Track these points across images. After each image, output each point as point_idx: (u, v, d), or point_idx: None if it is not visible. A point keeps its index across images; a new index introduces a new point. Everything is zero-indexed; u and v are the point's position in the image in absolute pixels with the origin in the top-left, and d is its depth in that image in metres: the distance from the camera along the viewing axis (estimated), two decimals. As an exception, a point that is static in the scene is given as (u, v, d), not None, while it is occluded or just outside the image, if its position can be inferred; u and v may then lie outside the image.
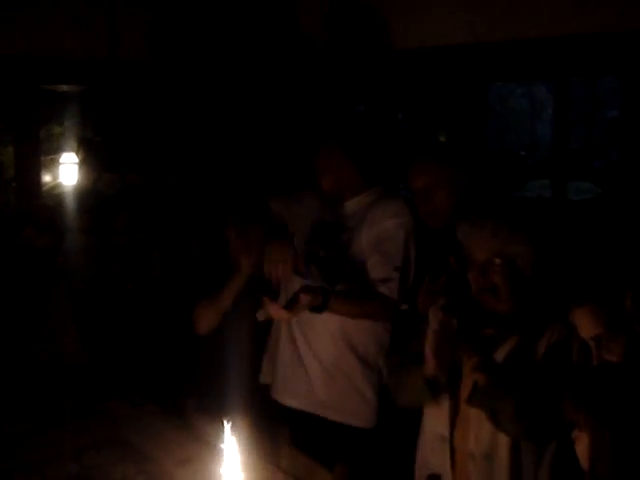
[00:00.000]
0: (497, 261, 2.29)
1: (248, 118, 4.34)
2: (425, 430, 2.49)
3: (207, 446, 2.53)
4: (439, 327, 2.27)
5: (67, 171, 4.88)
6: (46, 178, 5.69)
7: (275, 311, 2.65)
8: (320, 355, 2.97)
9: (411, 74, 4.30)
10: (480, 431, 2.29)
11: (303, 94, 4.49)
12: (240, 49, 4.33)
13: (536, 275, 2.33)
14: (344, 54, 4.36)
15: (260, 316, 2.73)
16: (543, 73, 4.08)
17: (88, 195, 4.05)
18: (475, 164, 3.00)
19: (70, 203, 4.06)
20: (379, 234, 2.92)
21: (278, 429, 2.82)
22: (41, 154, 4.83)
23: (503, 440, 2.26)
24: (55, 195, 4.58)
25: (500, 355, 2.30)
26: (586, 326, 2.02)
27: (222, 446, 1.82)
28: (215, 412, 2.82)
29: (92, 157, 4.28)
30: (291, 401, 3.03)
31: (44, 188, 5.04)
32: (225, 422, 2.27)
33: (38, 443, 2.80)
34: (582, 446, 1.92)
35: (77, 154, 4.57)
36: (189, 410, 3.06)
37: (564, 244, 2.92)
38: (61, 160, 5.17)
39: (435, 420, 2.43)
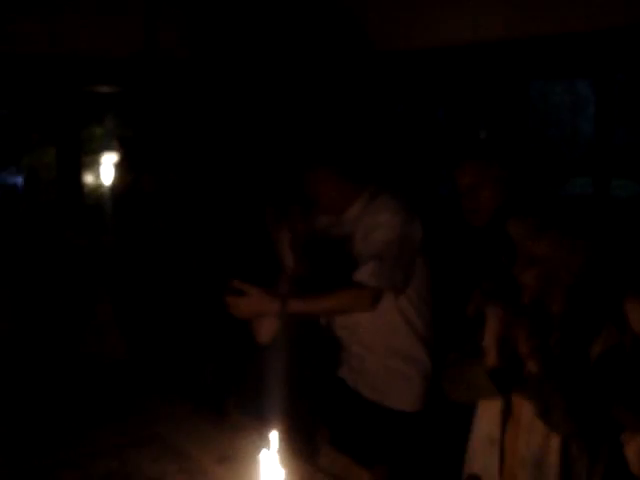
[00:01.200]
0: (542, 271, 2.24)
1: (285, 117, 4.34)
2: (475, 429, 2.46)
3: (246, 444, 2.53)
4: (500, 317, 2.25)
5: (108, 171, 4.92)
6: (88, 179, 5.75)
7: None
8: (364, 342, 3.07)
9: (451, 71, 4.28)
10: (532, 435, 2.26)
11: (347, 93, 4.48)
12: (277, 45, 4.33)
13: (590, 277, 2.27)
14: (381, 52, 4.34)
15: None
16: (586, 69, 4.02)
17: (128, 195, 4.07)
18: (520, 163, 2.97)
19: (110, 203, 4.09)
20: (366, 231, 2.98)
21: (317, 429, 2.80)
22: (82, 155, 4.88)
23: (554, 446, 2.22)
24: (96, 195, 4.62)
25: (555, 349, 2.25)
26: (639, 319, 1.97)
27: (262, 445, 1.81)
28: (255, 411, 2.83)
29: (131, 157, 4.31)
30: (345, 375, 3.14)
31: (86, 189, 5.09)
32: (264, 422, 2.27)
33: (78, 440, 2.82)
34: (633, 450, 1.88)
35: (119, 156, 4.61)
36: (229, 408, 3.07)
37: (615, 244, 2.87)
38: (102, 160, 5.22)
39: (486, 420, 2.40)
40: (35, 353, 3.65)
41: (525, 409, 2.26)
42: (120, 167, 4.47)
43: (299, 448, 2.63)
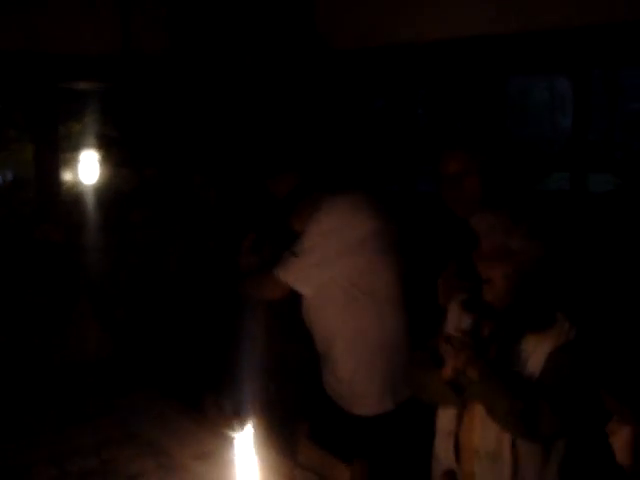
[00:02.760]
0: (499, 253, 2.26)
1: (264, 113, 4.33)
2: (438, 424, 2.48)
3: (225, 440, 2.53)
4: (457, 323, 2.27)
5: (86, 169, 4.90)
6: (66, 176, 5.70)
7: None
8: (334, 349, 3.06)
9: (429, 67, 4.28)
10: (485, 429, 2.28)
11: (321, 90, 4.47)
12: (255, 42, 4.32)
13: (541, 271, 2.29)
14: (360, 50, 4.34)
15: None
16: (562, 65, 4.04)
17: (105, 191, 4.06)
18: (501, 155, 2.98)
19: (88, 199, 4.07)
20: None
21: (296, 424, 2.81)
22: (60, 152, 4.84)
23: (507, 438, 2.24)
24: (74, 192, 4.59)
25: (499, 349, 2.28)
26: None
27: (240, 441, 1.81)
28: (233, 407, 2.83)
29: (110, 153, 4.30)
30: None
31: (64, 186, 5.06)
32: (243, 417, 2.28)
33: (57, 438, 2.83)
34: (621, 440, 1.90)
35: (97, 152, 4.59)
36: (207, 405, 3.07)
37: (576, 239, 2.90)
38: (80, 158, 5.18)
39: (444, 415, 2.43)
40: (15, 351, 3.64)
41: (480, 405, 2.28)
42: (100, 164, 4.46)
43: (278, 443, 2.64)
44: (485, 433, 2.28)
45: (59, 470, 2.55)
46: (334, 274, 2.97)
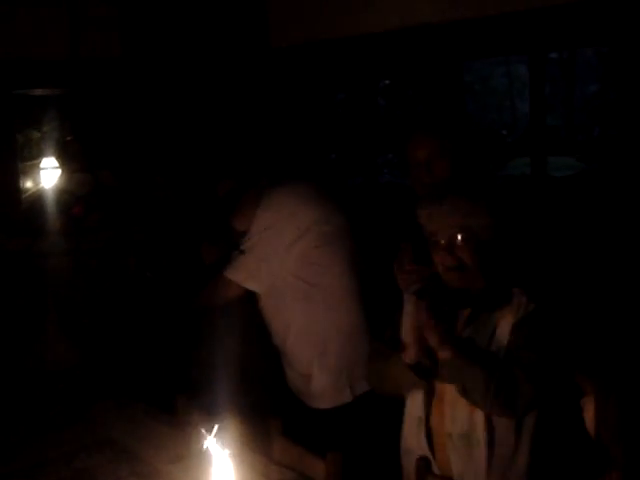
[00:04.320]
0: (461, 236, 2.27)
1: (219, 114, 4.32)
2: (406, 412, 2.48)
3: (199, 442, 2.51)
4: (414, 311, 2.26)
5: (48, 176, 4.84)
6: (27, 184, 5.64)
7: None
8: (288, 345, 3.10)
9: (387, 57, 4.29)
10: (456, 411, 2.28)
11: (279, 87, 4.47)
12: (209, 42, 4.31)
13: (501, 248, 2.31)
14: (320, 42, 4.33)
15: None
16: (517, 48, 4.07)
17: (61, 196, 4.02)
18: (468, 139, 2.98)
19: (47, 206, 4.03)
20: None
21: (269, 421, 2.79)
22: (19, 160, 4.79)
23: (479, 419, 2.25)
24: (30, 198, 4.54)
25: (464, 330, 2.31)
26: None
27: (213, 442, 1.80)
28: (206, 408, 2.81)
29: (66, 158, 4.26)
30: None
31: (25, 194, 5.00)
32: (215, 417, 2.26)
33: (28, 449, 2.78)
34: (590, 412, 1.93)
35: (57, 158, 4.54)
36: (179, 407, 3.04)
37: (530, 219, 2.93)
38: (41, 165, 5.13)
39: (412, 402, 2.43)
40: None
41: (448, 388, 2.28)
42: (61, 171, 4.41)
43: (252, 440, 2.63)
44: (456, 415, 2.28)
45: (31, 483, 2.51)
46: (281, 268, 2.97)
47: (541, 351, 2.19)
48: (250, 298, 3.13)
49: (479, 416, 2.24)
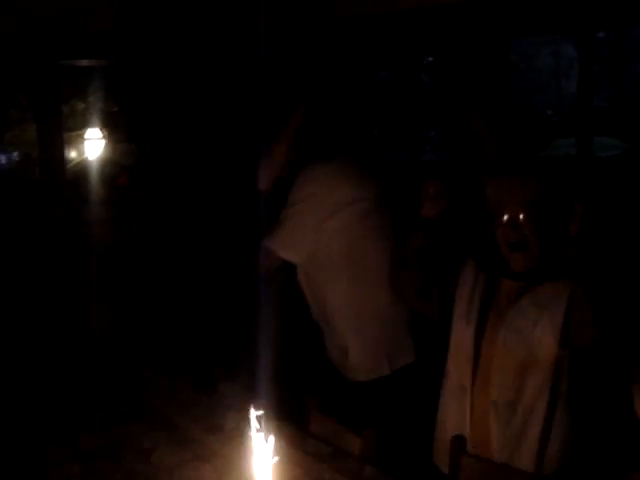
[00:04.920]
0: (526, 212, 2.26)
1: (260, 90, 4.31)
2: (447, 380, 2.50)
3: (236, 414, 2.54)
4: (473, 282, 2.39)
5: (92, 147, 4.90)
6: (72, 154, 5.70)
7: None
8: (330, 317, 3.08)
9: (432, 33, 4.24)
10: (504, 379, 2.30)
11: (324, 61, 4.44)
12: (252, 14, 4.29)
13: (564, 228, 2.29)
14: (362, 19, 4.30)
15: None
16: (566, 27, 4.00)
17: (106, 166, 4.06)
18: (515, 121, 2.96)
19: (91, 175, 4.08)
20: None
21: (306, 396, 2.81)
22: (64, 130, 4.84)
23: (529, 386, 2.27)
24: (76, 168, 4.59)
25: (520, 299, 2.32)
26: None
27: (250, 414, 1.81)
28: (244, 380, 2.84)
29: (110, 128, 4.29)
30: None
31: (70, 164, 5.06)
32: (253, 390, 2.28)
33: (68, 414, 2.84)
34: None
35: (101, 129, 4.58)
36: (217, 378, 3.07)
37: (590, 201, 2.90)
38: (86, 136, 5.17)
39: (456, 370, 2.45)
40: (22, 330, 3.65)
41: (497, 353, 2.31)
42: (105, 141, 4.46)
43: (288, 415, 2.65)
44: (503, 382, 2.30)
45: (72, 447, 2.56)
46: (317, 241, 2.97)
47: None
48: (290, 271, 3.13)
49: (529, 383, 2.26)
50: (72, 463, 2.44)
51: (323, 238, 2.96)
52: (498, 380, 2.31)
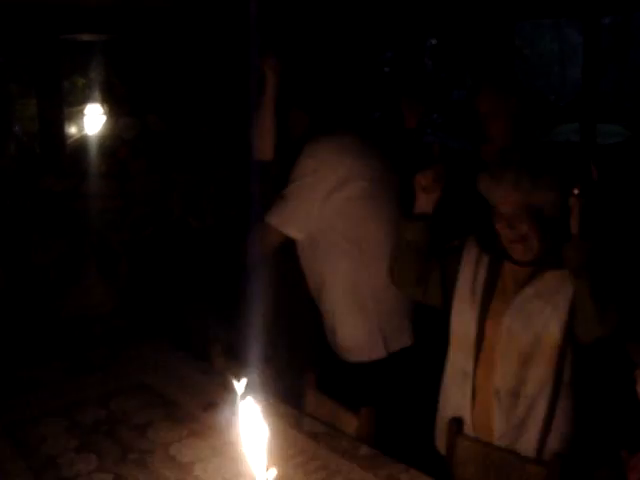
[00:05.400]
0: (522, 212, 2.23)
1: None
2: (449, 365, 2.48)
3: (233, 391, 2.53)
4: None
5: (92, 122, 4.86)
6: (72, 130, 5.67)
7: None
8: (323, 297, 3.07)
9: (436, 16, 4.22)
10: (507, 367, 2.28)
11: (328, 41, 4.41)
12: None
13: (564, 219, 2.23)
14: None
15: None
16: (571, 12, 3.97)
17: (107, 140, 4.03)
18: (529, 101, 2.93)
19: (91, 148, 4.05)
20: None
21: (303, 374, 2.81)
22: (65, 106, 4.81)
23: (532, 376, 2.25)
24: (76, 143, 4.56)
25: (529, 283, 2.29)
26: None
27: (246, 391, 1.81)
28: (241, 357, 2.84)
29: (112, 102, 4.26)
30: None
31: (69, 140, 5.03)
32: (250, 367, 2.28)
33: (66, 389, 2.85)
34: None
35: (102, 104, 4.55)
36: (215, 355, 3.07)
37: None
38: (85, 111, 5.15)
39: (459, 355, 2.42)
40: (21, 303, 3.65)
41: (501, 340, 2.29)
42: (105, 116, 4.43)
43: (285, 393, 2.65)
44: (506, 370, 2.28)
45: (69, 421, 2.57)
46: (318, 217, 2.94)
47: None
48: (289, 250, 3.12)
49: (532, 373, 2.24)
50: (69, 436, 2.44)
51: (324, 215, 2.94)
52: (501, 368, 2.29)
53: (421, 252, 2.53)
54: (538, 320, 2.24)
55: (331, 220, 2.95)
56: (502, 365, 2.29)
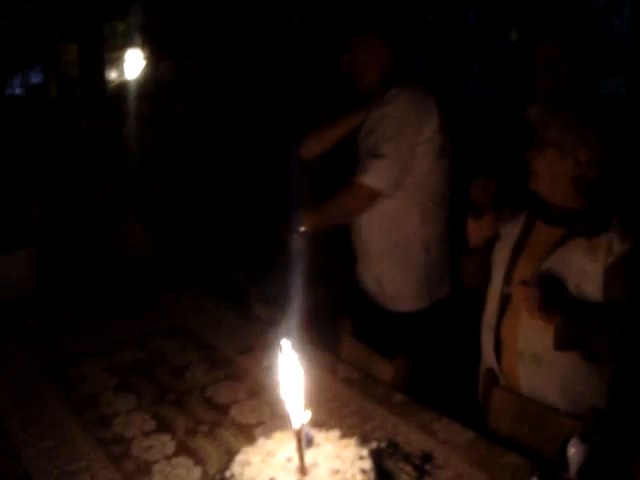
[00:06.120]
0: (559, 154, 2.16)
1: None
2: (484, 316, 2.45)
3: (269, 335, 2.56)
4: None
5: (132, 67, 4.86)
6: (112, 75, 5.68)
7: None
8: (370, 246, 3.05)
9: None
10: (530, 331, 2.22)
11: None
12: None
13: (608, 173, 2.18)
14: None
15: None
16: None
17: (148, 83, 4.02)
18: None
19: (131, 92, 4.05)
20: (371, 125, 2.92)
21: (340, 321, 2.82)
22: (105, 50, 4.81)
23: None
24: (119, 88, 4.56)
25: (553, 252, 2.21)
26: None
27: (283, 336, 1.82)
28: (277, 302, 2.85)
29: (153, 46, 4.24)
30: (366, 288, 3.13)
31: (111, 84, 5.04)
32: (287, 313, 2.29)
33: (105, 331, 2.89)
34: None
35: (143, 48, 4.54)
36: (252, 299, 3.09)
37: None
38: (126, 56, 5.15)
39: (489, 309, 2.40)
40: (62, 246, 3.69)
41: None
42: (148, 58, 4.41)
43: (321, 339, 2.66)
44: (530, 336, 2.23)
45: (108, 361, 2.60)
46: (412, 173, 2.91)
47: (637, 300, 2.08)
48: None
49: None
50: (108, 376, 2.48)
51: (417, 170, 2.92)
52: (525, 333, 2.25)
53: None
54: (566, 285, 2.16)
55: (420, 175, 2.93)
56: (526, 330, 2.24)
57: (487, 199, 2.58)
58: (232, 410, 2.24)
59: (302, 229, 2.91)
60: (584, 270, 2.13)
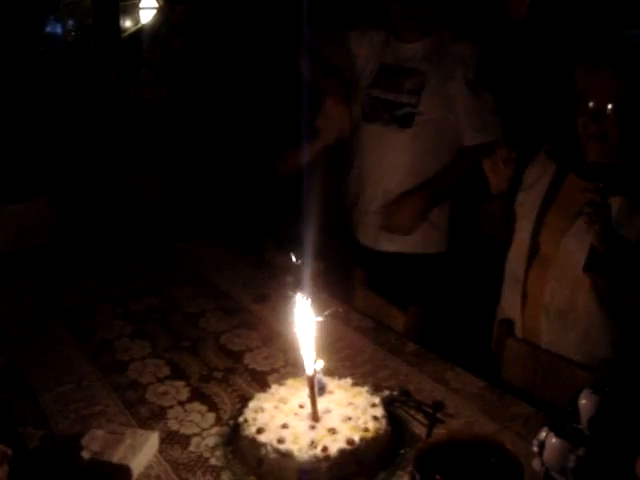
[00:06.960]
0: (612, 105, 2.07)
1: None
2: (507, 266, 2.42)
3: (283, 284, 2.56)
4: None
5: (147, 15, 4.82)
6: (126, 23, 5.63)
7: None
8: (389, 189, 3.03)
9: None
10: (558, 288, 2.20)
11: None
12: None
13: None
14: None
15: None
16: None
17: (162, 29, 3.96)
18: None
19: (145, 38, 4.00)
20: (465, 82, 2.90)
21: (354, 271, 2.82)
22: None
23: (582, 300, 2.15)
24: (131, 33, 4.52)
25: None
26: None
27: (297, 285, 1.82)
28: (292, 251, 2.85)
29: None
30: (367, 241, 3.13)
31: (124, 34, 5.00)
32: (301, 262, 2.28)
33: (120, 279, 2.90)
34: None
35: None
36: (267, 249, 3.10)
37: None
38: (141, 5, 5.09)
39: (514, 259, 2.37)
40: (75, 194, 3.69)
41: (556, 257, 2.19)
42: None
43: (335, 288, 2.66)
44: (557, 291, 2.20)
45: (123, 308, 2.62)
46: None
47: None
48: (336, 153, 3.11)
49: (582, 296, 2.15)
50: (123, 323, 2.50)
51: None
52: (552, 288, 2.21)
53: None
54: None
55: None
56: (554, 284, 2.21)
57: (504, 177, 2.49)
58: (246, 357, 2.26)
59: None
60: (619, 227, 2.07)
